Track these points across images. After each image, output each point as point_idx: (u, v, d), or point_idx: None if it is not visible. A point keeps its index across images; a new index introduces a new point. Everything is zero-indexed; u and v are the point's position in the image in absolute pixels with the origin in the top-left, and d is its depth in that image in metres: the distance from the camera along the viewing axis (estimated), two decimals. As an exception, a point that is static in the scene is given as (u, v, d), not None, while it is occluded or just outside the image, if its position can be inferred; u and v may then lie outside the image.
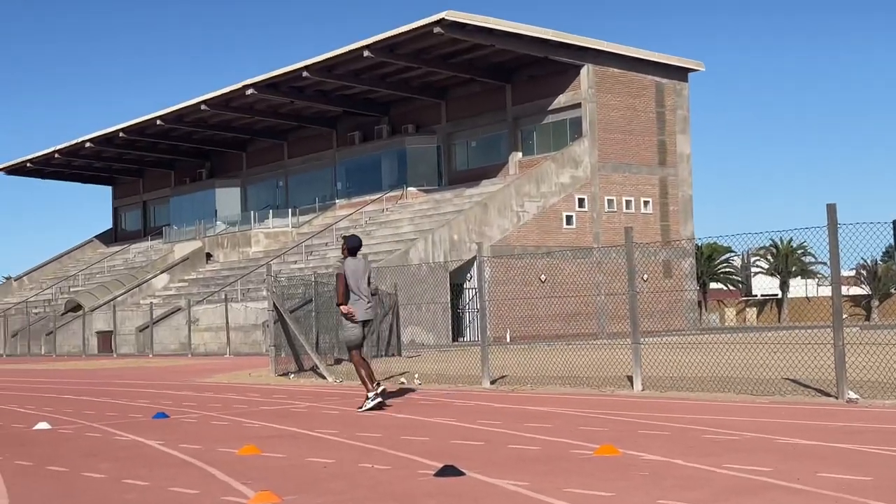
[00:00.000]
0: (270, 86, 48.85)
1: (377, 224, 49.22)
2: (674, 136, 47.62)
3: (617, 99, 45.47)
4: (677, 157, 47.75)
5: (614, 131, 45.28)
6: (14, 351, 53.38)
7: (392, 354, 26.22)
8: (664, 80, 47.40)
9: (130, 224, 73.39)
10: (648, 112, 46.71)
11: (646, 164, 46.47)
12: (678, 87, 48.01)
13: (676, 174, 47.72)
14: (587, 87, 44.73)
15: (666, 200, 47.31)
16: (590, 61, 44.78)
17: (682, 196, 47.90)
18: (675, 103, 47.76)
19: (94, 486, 7.04)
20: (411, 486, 6.57)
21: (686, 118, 48.28)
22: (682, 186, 47.97)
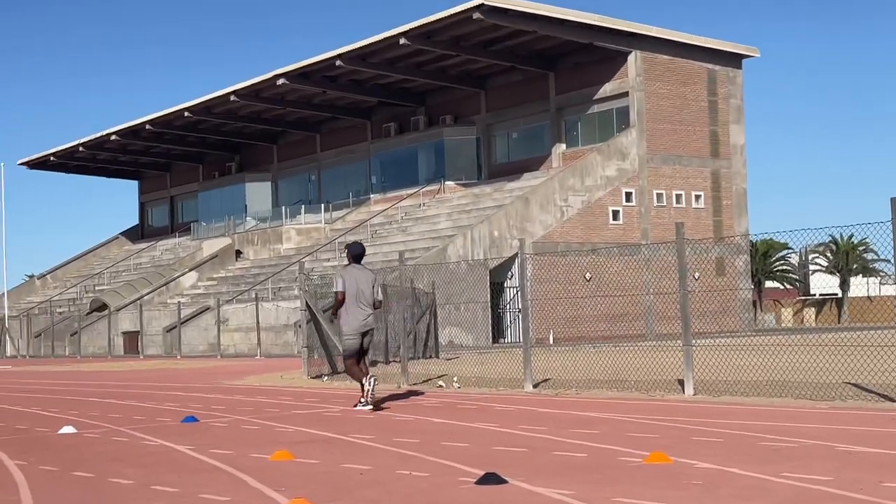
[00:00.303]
0: (302, 75, 49.06)
1: (413, 220, 49.29)
2: (727, 126, 47.27)
3: (666, 87, 45.21)
4: (731, 149, 47.40)
5: (664, 121, 45.02)
6: (37, 352, 54.05)
7: (430, 356, 26.25)
8: (716, 67, 47.05)
9: (157, 220, 74.04)
10: (700, 101, 46.39)
11: (697, 155, 46.16)
12: (731, 74, 47.65)
13: (730, 166, 47.37)
14: (635, 75, 44.51)
15: (719, 194, 46.98)
16: (638, 48, 44.56)
17: (735, 190, 47.54)
18: (728, 91, 47.40)
19: (121, 493, 7.11)
20: (452, 494, 6.57)
21: (740, 107, 47.91)
22: (736, 179, 47.61)
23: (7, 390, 20.86)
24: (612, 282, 35.48)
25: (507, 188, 46.92)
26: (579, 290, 34.85)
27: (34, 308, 63.82)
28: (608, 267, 36.89)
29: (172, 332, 44.76)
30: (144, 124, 58.58)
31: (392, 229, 49.63)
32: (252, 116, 57.33)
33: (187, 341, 43.52)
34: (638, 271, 36.80)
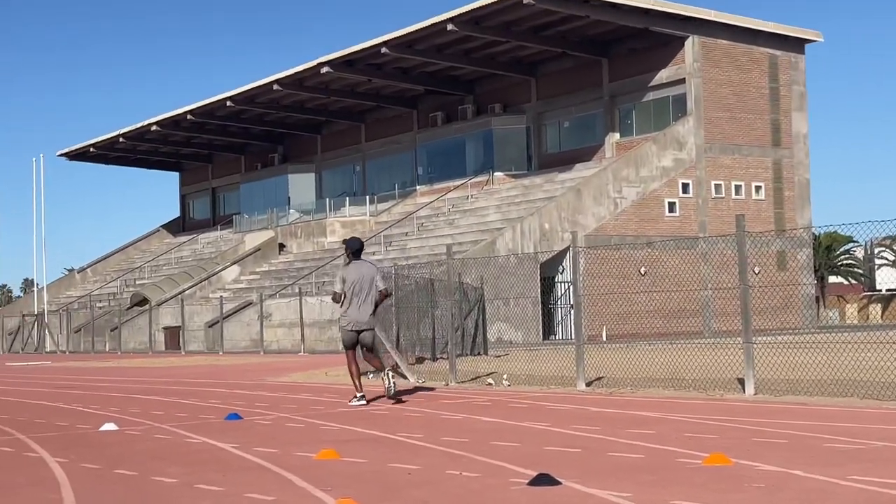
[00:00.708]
0: (347, 63, 49.21)
1: (461, 212, 49.30)
2: (789, 114, 46.76)
3: (725, 74, 44.80)
4: (793, 138, 46.88)
5: (722, 109, 44.63)
6: (77, 347, 54.76)
7: (478, 353, 26.24)
8: (778, 52, 46.55)
9: (199, 212, 74.67)
10: (761, 88, 45.94)
11: (758, 145, 45.72)
12: (794, 59, 47.11)
13: (792, 156, 46.86)
14: (692, 61, 44.15)
15: (780, 185, 46.50)
16: (695, 33, 44.19)
17: (798, 180, 47.03)
18: (790, 78, 46.88)
19: (164, 492, 7.18)
20: (503, 495, 6.57)
21: (803, 94, 47.37)
22: (799, 170, 47.09)
23: (47, 386, 21.16)
24: (668, 276, 35.28)
25: (558, 179, 46.78)
26: (634, 285, 34.72)
27: (74, 303, 64.68)
28: (664, 261, 36.61)
29: (214, 327, 45.13)
30: (186, 114, 59.10)
31: (439, 222, 49.67)
32: (295, 106, 57.62)
33: (229, 337, 43.87)
34: (695, 265, 36.52)
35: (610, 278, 28.36)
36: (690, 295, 35.89)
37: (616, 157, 45.56)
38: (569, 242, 16.15)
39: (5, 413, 14.30)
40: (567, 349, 19.83)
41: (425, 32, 45.03)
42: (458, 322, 22.81)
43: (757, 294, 14.65)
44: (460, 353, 21.19)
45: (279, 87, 52.51)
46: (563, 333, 39.19)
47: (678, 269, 34.68)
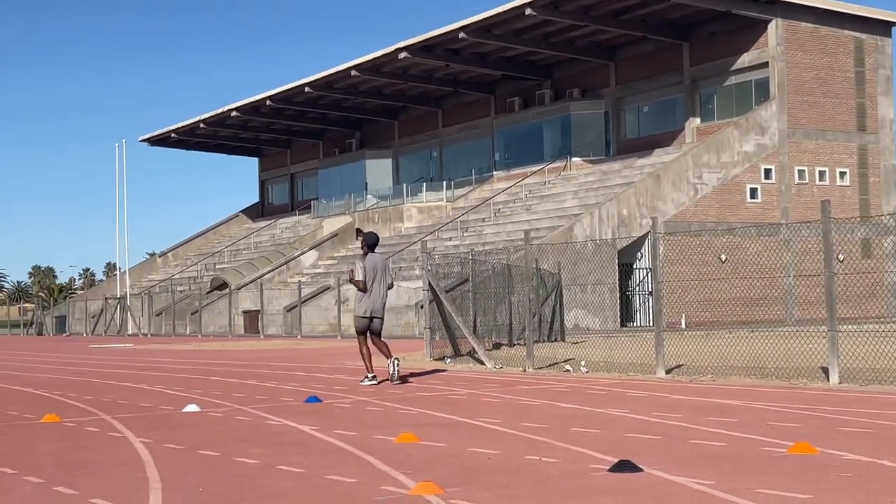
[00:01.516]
0: (424, 48, 49.28)
1: (538, 198, 49.15)
2: (875, 98, 45.80)
3: (809, 57, 44.00)
4: (879, 123, 45.92)
5: (806, 93, 43.86)
6: (158, 330, 55.72)
7: (555, 339, 26.19)
8: (864, 35, 45.59)
9: (277, 198, 75.44)
10: (845, 72, 45.05)
11: (842, 130, 44.87)
12: (880, 43, 46.10)
13: (878, 141, 45.91)
14: (775, 45, 43.43)
15: (865, 171, 45.61)
16: (778, 15, 43.45)
17: (884, 166, 46.08)
18: (876, 62, 45.89)
19: (247, 472, 7.28)
20: (584, 481, 6.55)
21: (889, 78, 46.34)
22: (885, 155, 46.13)
23: (130, 368, 21.57)
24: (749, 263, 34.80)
25: (637, 164, 46.39)
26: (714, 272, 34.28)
27: (155, 286, 65.80)
28: (745, 248, 36.14)
29: (293, 311, 45.60)
30: (265, 100, 59.69)
31: (516, 208, 49.58)
32: (373, 91, 57.87)
33: (307, 321, 44.28)
34: (777, 252, 35.98)
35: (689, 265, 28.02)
36: (772, 282, 35.37)
37: (696, 142, 45.04)
38: (647, 228, 16.02)
39: (90, 394, 14.60)
40: (645, 336, 19.68)
41: (503, 17, 44.87)
42: (536, 308, 22.76)
43: (841, 282, 14.38)
44: (537, 339, 21.14)
45: (357, 73, 52.75)
46: (641, 320, 38.91)
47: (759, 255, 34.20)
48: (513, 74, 52.81)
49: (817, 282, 13.33)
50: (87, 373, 20.16)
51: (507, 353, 20.67)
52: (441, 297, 20.17)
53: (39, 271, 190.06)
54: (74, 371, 20.94)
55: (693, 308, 33.28)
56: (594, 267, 34.59)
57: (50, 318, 69.57)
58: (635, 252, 40.15)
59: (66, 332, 65.13)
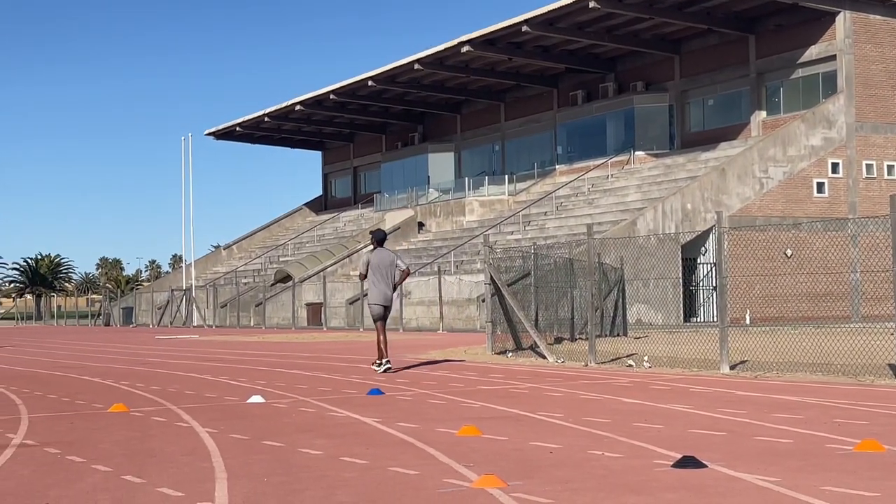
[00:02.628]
0: (487, 42, 49.21)
1: (601, 192, 48.90)
2: (946, 91, 44.90)
3: (878, 50, 43.24)
4: (949, 116, 45.00)
5: (875, 86, 43.11)
6: (223, 322, 56.32)
7: (617, 334, 26.06)
8: (935, 26, 44.68)
9: (340, 191, 75.85)
10: (916, 64, 44.20)
11: (912, 123, 44.04)
12: (952, 34, 45.16)
13: (948, 135, 45.00)
14: (843, 37, 42.74)
15: (935, 165, 44.73)
16: (847, 7, 42.73)
17: (954, 160, 45.15)
18: (947, 53, 44.96)
19: (311, 463, 7.35)
20: (647, 477, 6.52)
21: (961, 70, 45.38)
22: (955, 149, 45.19)
23: (195, 359, 21.84)
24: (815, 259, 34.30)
25: (701, 158, 45.95)
26: (779, 268, 33.89)
27: (220, 278, 66.54)
28: (811, 243, 35.64)
29: (355, 304, 45.84)
30: (329, 94, 60.01)
31: (578, 202, 49.38)
32: (436, 85, 57.92)
33: (369, 314, 44.41)
34: (844, 248, 35.47)
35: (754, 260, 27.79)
36: (838, 278, 34.82)
37: (762, 135, 44.51)
38: (712, 223, 15.87)
39: (157, 384, 14.82)
40: (709, 332, 19.51)
41: (567, 10, 44.65)
42: (598, 303, 22.65)
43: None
44: (599, 333, 21.06)
45: (420, 67, 52.83)
46: (704, 316, 38.55)
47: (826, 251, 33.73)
48: (576, 68, 52.54)
49: (885, 278, 13.12)
50: (153, 363, 20.45)
51: (568, 347, 20.61)
52: (503, 290, 20.17)
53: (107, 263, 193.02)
54: (141, 361, 21.26)
55: (758, 303, 32.93)
56: (657, 261, 34.32)
57: (117, 310, 70.64)
58: (699, 247, 39.78)
59: (133, 323, 66.09)
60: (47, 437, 9.10)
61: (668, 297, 36.95)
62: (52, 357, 24.07)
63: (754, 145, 42.51)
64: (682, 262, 38.38)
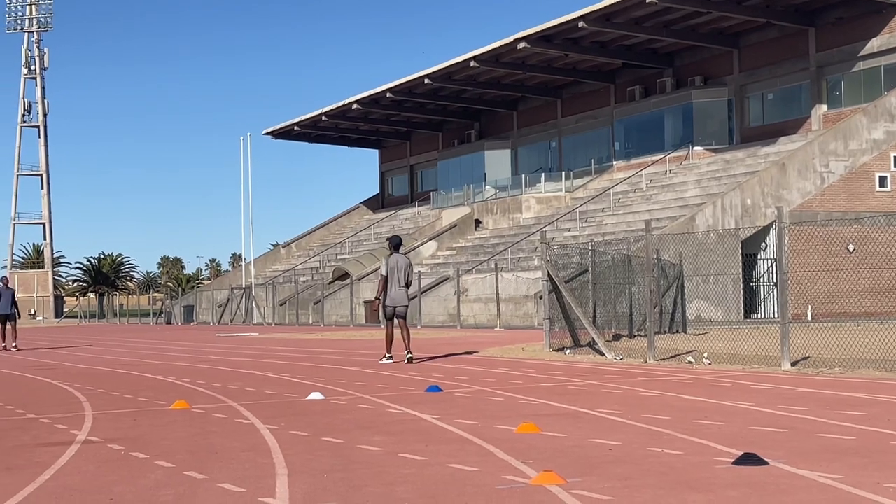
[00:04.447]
0: (544, 38, 49.08)
1: (659, 187, 48.56)
2: None
3: (942, 40, 42.49)
4: None
5: (939, 78, 42.37)
6: (282, 319, 56.76)
7: (676, 331, 25.87)
8: None
9: (397, 189, 76.08)
10: (981, 55, 43.37)
11: (977, 115, 43.22)
12: None
13: None
14: (906, 28, 42.06)
15: None
16: (909, -2, 42.07)
17: None
18: None
19: (370, 459, 7.39)
20: (708, 474, 6.47)
21: None
22: None
23: (255, 356, 22.04)
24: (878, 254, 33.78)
25: (761, 153, 45.47)
26: (841, 263, 33.44)
27: (279, 276, 67.05)
28: (874, 237, 35.12)
29: (412, 301, 45.92)
30: (385, 92, 60.20)
31: (636, 197, 49.09)
32: (492, 82, 57.88)
33: (427, 311, 44.59)
34: (908, 243, 34.89)
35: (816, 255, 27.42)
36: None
37: (823, 129, 43.94)
38: (772, 218, 15.70)
39: (217, 381, 14.97)
40: (769, 328, 19.31)
41: (624, 5, 44.39)
42: (657, 299, 22.50)
43: (977, 272, 13.86)
44: (658, 330, 20.91)
45: (476, 64, 52.83)
46: (765, 312, 38.17)
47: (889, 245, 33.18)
48: (633, 63, 52.24)
49: (951, 273, 12.87)
50: (214, 361, 20.67)
51: (627, 344, 20.50)
52: (561, 287, 20.11)
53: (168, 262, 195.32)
54: (202, 359, 21.49)
55: (819, 299, 32.53)
56: (717, 257, 34.05)
57: (178, 308, 71.47)
58: (759, 242, 39.38)
59: (194, 321, 66.82)
60: (111, 433, 9.24)
61: (727, 293, 36.61)
62: (115, 355, 24.42)
63: (815, 139, 41.97)
64: (742, 258, 38.02)
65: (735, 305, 37.25)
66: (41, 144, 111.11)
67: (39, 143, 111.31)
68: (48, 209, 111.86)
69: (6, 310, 28.17)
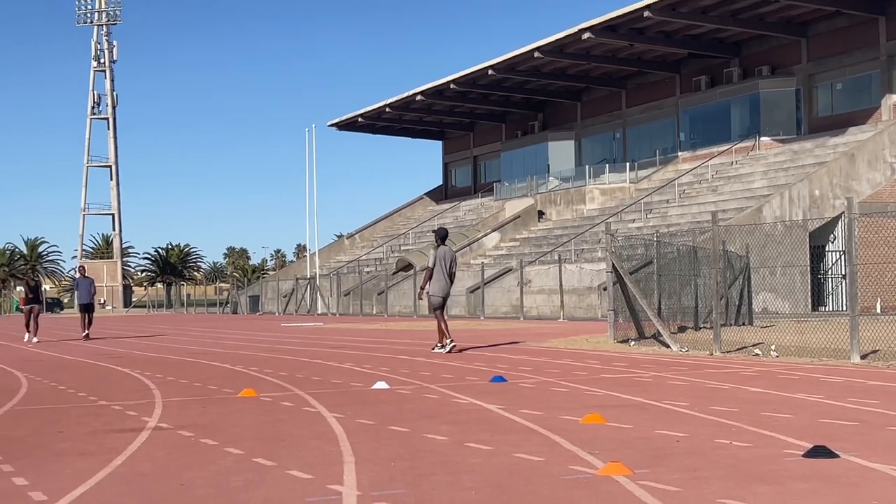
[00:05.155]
0: (608, 28, 48.77)
1: (725, 178, 48.06)
2: None
3: None
4: None
5: None
6: (346, 310, 57.10)
7: (742, 323, 25.61)
8: None
9: (460, 180, 76.11)
10: None
11: None
12: None
13: None
14: (980, 16, 41.19)
15: None
16: (984, -16, 41.19)
17: None
18: None
19: (437, 448, 7.41)
20: (777, 466, 6.40)
21: None
22: None
23: (320, 346, 22.20)
24: (950, 246, 33.17)
25: (829, 144, 44.80)
26: (912, 255, 32.82)
27: (343, 267, 67.45)
28: (946, 229, 34.48)
29: (475, 292, 45.99)
30: (449, 83, 60.23)
31: (701, 189, 48.63)
32: (556, 73, 57.64)
33: (490, 302, 44.58)
34: (981, 234, 34.19)
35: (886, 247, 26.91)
36: (975, 266, 33.63)
37: (893, 119, 43.16)
38: (841, 210, 15.47)
39: (284, 370, 15.11)
40: (838, 321, 19.04)
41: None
42: (723, 291, 22.28)
43: None
44: (724, 322, 20.71)
45: (540, 55, 52.64)
46: (833, 304, 37.62)
47: (962, 237, 32.54)
48: (699, 53, 51.71)
49: None
50: (280, 350, 20.86)
51: (692, 336, 20.34)
52: (625, 278, 19.99)
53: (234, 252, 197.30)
54: (268, 348, 21.71)
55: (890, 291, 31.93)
56: (784, 249, 33.61)
57: (244, 298, 72.21)
58: (828, 234, 38.82)
59: (259, 310, 67.47)
60: (180, 420, 9.37)
61: (795, 285, 36.14)
62: (183, 343, 24.74)
63: (885, 129, 41.26)
64: (810, 250, 37.52)
65: (802, 298, 36.77)
66: (110, 136, 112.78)
67: (108, 134, 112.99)
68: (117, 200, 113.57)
69: (85, 299, 28.46)
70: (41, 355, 20.69)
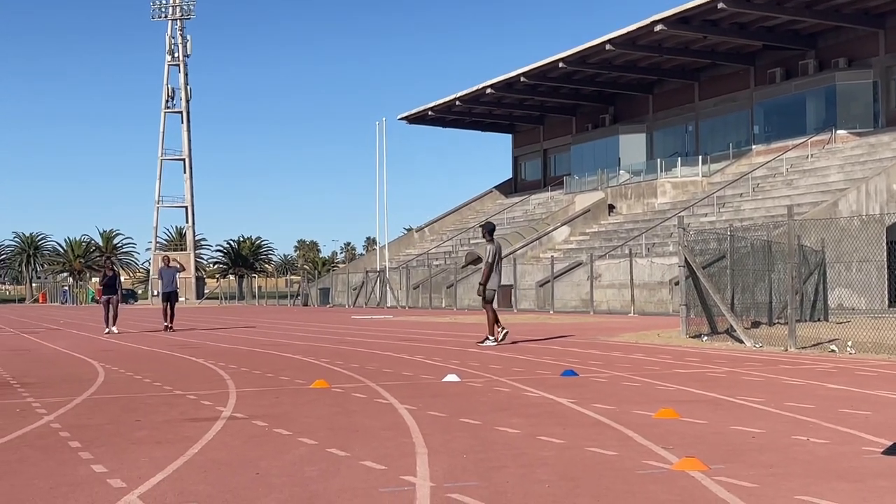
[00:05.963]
0: (681, 20, 48.30)
1: (800, 172, 47.36)
2: None
3: None
4: None
5: None
6: (415, 303, 57.29)
7: (817, 319, 25.25)
8: None
9: (530, 174, 75.93)
10: None
11: None
12: None
13: None
14: None
15: None
16: None
17: None
18: None
19: (509, 441, 7.40)
20: (855, 463, 6.30)
21: None
22: None
23: (390, 338, 22.30)
24: None
25: (908, 137, 43.96)
26: None
27: (412, 260, 67.65)
28: None
29: (545, 286, 45.87)
30: (519, 76, 60.09)
31: (776, 182, 47.98)
32: (627, 66, 57.25)
33: (559, 296, 44.44)
34: None
35: (966, 243, 26.40)
36: None
37: (975, 112, 42.21)
38: (923, 203, 15.16)
39: (355, 362, 15.20)
40: (917, 317, 18.67)
41: (764, -15, 43.39)
42: (798, 286, 21.98)
43: None
44: (799, 318, 20.42)
45: (611, 47, 52.31)
46: (911, 301, 36.87)
47: None
48: (774, 44, 51.00)
49: None
50: (350, 342, 20.99)
51: (766, 331, 20.08)
52: (698, 273, 19.79)
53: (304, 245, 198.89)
54: (339, 340, 21.85)
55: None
56: (860, 244, 33.06)
57: (314, 290, 72.80)
58: (906, 229, 38.07)
59: (330, 303, 67.95)
60: (254, 410, 9.47)
61: (871, 280, 35.51)
62: (255, 335, 25.00)
63: (967, 122, 40.37)
64: (888, 245, 36.83)
65: (879, 294, 36.11)
66: (184, 130, 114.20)
67: (182, 128, 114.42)
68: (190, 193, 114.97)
69: (168, 287, 28.75)
70: (118, 346, 21.05)
